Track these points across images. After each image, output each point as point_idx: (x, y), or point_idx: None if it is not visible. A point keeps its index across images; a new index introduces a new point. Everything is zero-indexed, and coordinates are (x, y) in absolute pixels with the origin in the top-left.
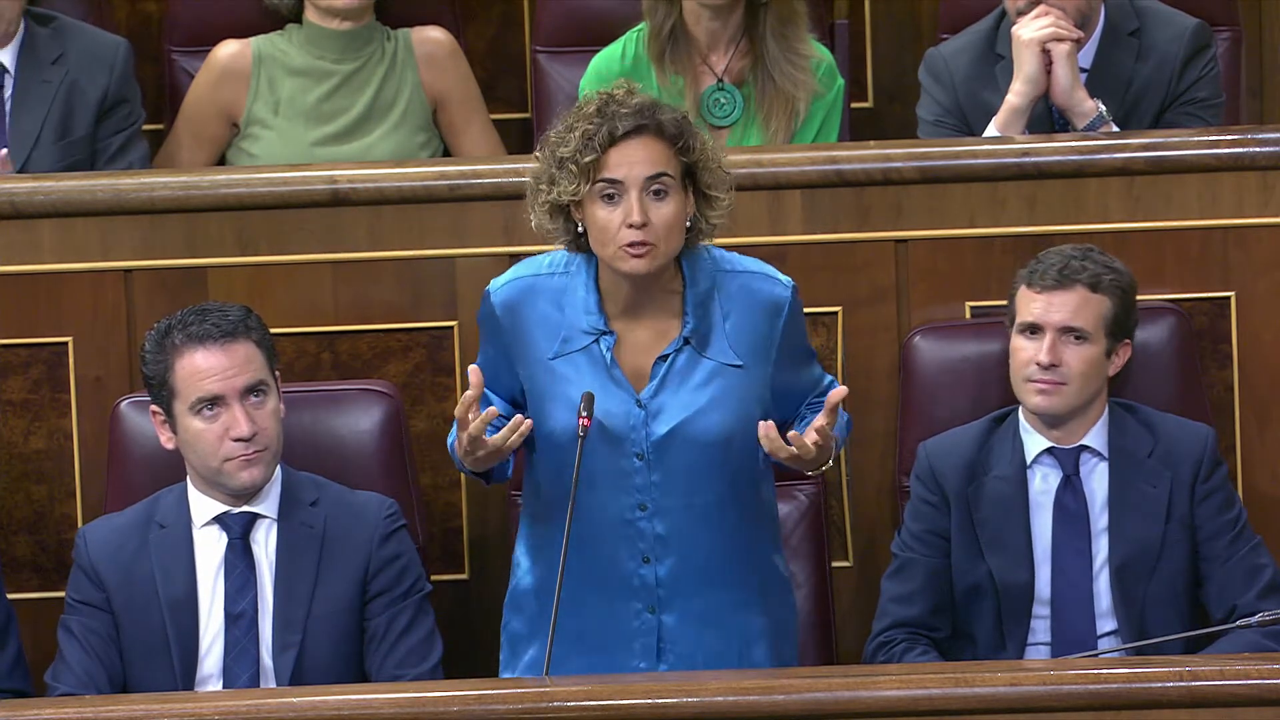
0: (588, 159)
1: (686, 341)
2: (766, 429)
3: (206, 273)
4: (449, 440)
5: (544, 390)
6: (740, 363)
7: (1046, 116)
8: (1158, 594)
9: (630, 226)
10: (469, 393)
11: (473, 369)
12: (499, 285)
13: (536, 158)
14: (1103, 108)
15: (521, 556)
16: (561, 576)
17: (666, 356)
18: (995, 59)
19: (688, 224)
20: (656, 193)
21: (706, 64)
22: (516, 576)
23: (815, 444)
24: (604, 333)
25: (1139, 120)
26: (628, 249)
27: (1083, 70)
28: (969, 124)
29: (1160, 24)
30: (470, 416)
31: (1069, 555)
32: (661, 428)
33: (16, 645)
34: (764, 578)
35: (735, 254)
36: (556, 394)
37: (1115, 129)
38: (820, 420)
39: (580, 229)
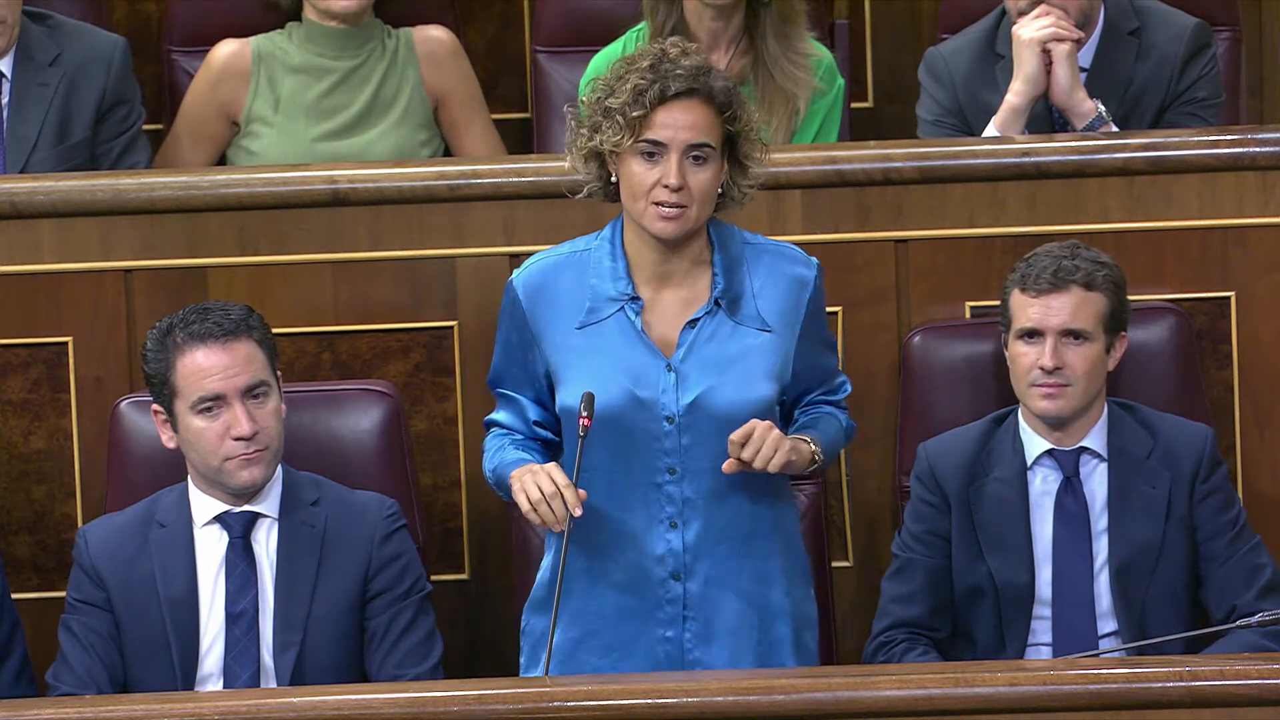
0: (636, 114)
1: (717, 304)
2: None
3: (206, 273)
4: (491, 466)
5: (571, 364)
6: (770, 327)
7: (1046, 116)
8: (1158, 594)
9: (666, 187)
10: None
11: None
12: (521, 271)
13: (583, 102)
14: (1102, 108)
15: (547, 550)
16: (564, 564)
17: (696, 320)
18: (995, 59)
19: (719, 190)
20: (696, 159)
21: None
22: (539, 578)
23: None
24: (632, 298)
25: (1139, 120)
26: (659, 208)
27: (1082, 70)
28: (969, 124)
29: (1160, 24)
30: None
31: (1069, 556)
32: (692, 391)
33: (22, 653)
34: (786, 557)
35: (759, 235)
36: (583, 365)
37: (1115, 129)
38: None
39: (613, 179)
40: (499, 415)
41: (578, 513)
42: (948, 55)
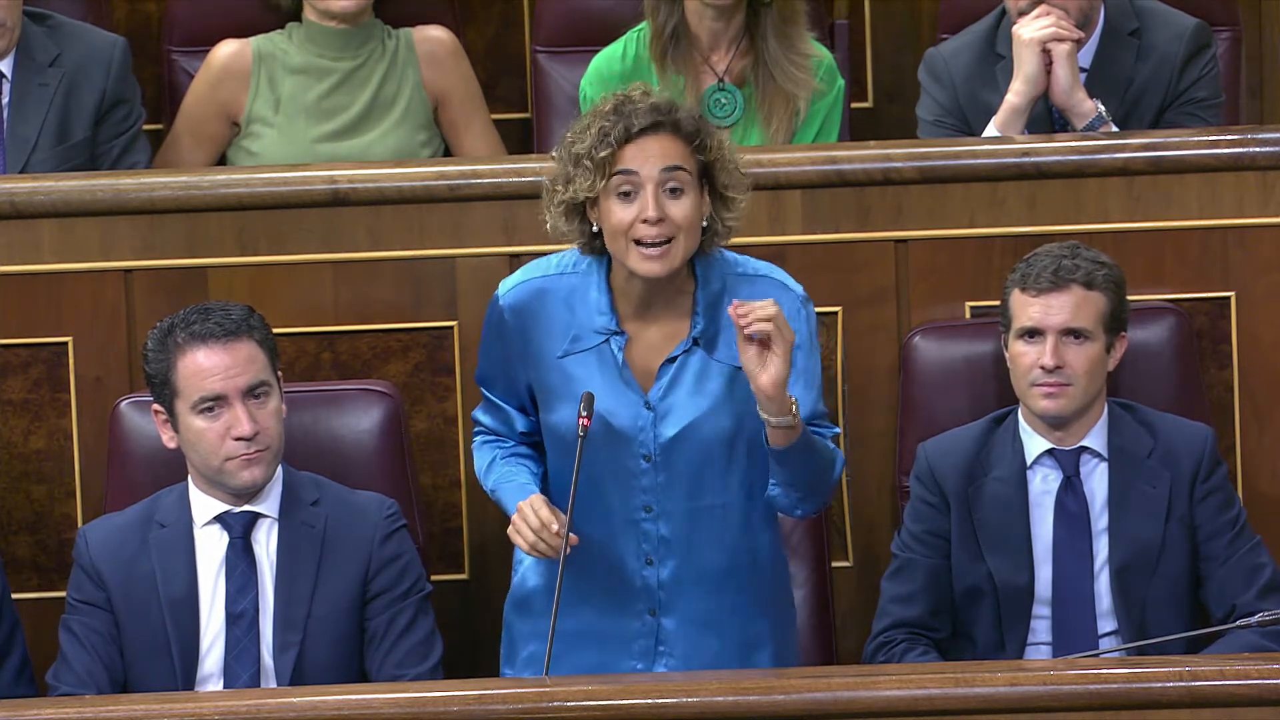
0: (603, 154)
1: (695, 342)
2: (734, 307)
3: (206, 273)
4: (490, 485)
5: (553, 389)
6: None
7: (1046, 116)
8: (1158, 594)
9: (645, 222)
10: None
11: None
12: (508, 288)
13: (553, 157)
14: (1102, 108)
15: (530, 567)
16: (561, 576)
17: (674, 358)
18: (995, 59)
19: (704, 224)
20: (673, 190)
21: (708, 64)
22: (519, 575)
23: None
24: (615, 333)
25: (1139, 120)
26: (643, 249)
27: (1082, 70)
28: (969, 124)
29: (1160, 24)
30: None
31: (1069, 556)
32: (669, 429)
33: (22, 653)
34: (766, 586)
35: (749, 258)
36: (565, 393)
37: (1115, 129)
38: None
39: (595, 229)
40: (486, 419)
41: (574, 540)
42: (948, 55)
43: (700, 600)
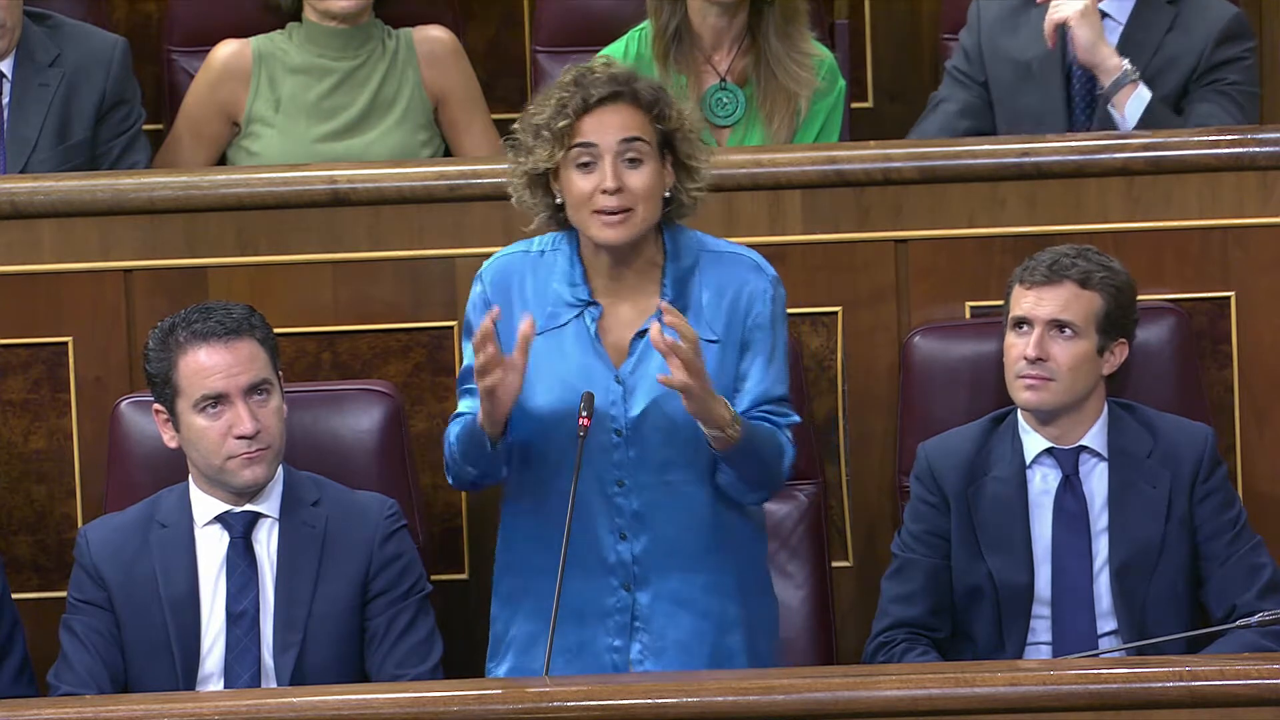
0: (561, 124)
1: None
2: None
3: (206, 273)
4: (450, 439)
5: (530, 365)
6: (716, 338)
7: (1064, 82)
8: (1158, 594)
9: (604, 193)
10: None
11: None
12: (489, 265)
13: (515, 131)
14: (1128, 64)
15: (501, 548)
16: (562, 573)
17: (644, 332)
18: (1026, 6)
19: (667, 194)
20: (631, 160)
21: (710, 63)
22: (496, 569)
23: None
24: (589, 304)
25: (1159, 91)
26: (602, 216)
27: (1117, 23)
28: (985, 70)
29: (1202, 2)
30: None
31: (1069, 555)
32: (638, 404)
33: (22, 652)
34: (741, 566)
35: (723, 239)
36: (541, 370)
37: (1144, 89)
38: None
39: (558, 200)
40: (462, 405)
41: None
42: (983, 1)
43: (674, 576)
